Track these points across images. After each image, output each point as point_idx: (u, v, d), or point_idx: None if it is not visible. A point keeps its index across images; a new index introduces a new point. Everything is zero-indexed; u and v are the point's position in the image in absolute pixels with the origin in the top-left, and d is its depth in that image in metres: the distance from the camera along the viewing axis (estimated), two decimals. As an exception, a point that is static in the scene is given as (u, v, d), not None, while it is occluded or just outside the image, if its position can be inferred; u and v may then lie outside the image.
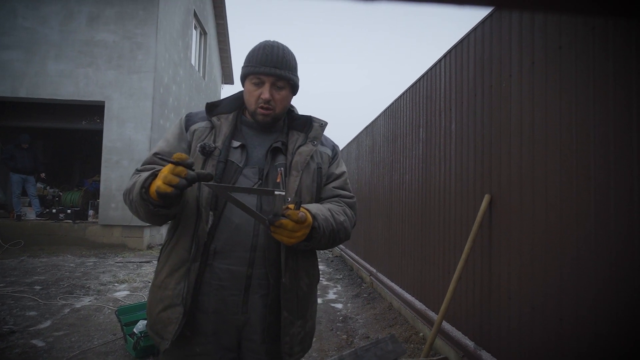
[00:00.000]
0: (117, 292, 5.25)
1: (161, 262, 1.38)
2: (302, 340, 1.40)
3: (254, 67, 1.36)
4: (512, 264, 2.49)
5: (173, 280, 1.31)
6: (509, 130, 2.56)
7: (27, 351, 3.31)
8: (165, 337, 1.30)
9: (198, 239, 1.29)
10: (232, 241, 1.31)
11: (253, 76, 1.36)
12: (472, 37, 3.13)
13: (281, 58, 1.37)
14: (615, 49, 1.79)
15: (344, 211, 1.44)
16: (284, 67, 1.37)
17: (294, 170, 1.37)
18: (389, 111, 5.57)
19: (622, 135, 1.74)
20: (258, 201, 1.33)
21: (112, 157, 8.87)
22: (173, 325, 1.28)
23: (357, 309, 4.94)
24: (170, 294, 1.31)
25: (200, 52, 13.27)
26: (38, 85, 8.83)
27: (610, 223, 1.78)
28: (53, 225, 8.93)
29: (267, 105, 1.36)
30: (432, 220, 3.83)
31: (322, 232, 1.27)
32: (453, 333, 3.17)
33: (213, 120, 1.40)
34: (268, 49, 1.37)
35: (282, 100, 1.39)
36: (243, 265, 1.31)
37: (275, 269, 1.34)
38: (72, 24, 8.96)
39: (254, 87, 1.37)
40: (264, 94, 1.35)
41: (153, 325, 1.35)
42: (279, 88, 1.38)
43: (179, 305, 1.29)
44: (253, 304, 1.34)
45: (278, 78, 1.36)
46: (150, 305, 1.37)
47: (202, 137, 1.38)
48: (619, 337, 1.72)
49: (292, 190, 1.35)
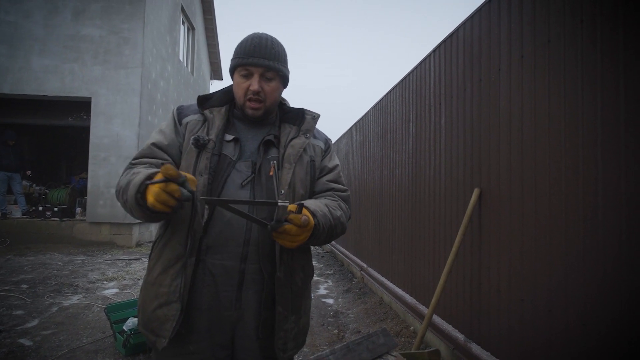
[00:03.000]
0: (106, 290, 5.19)
1: (153, 258, 1.34)
2: (295, 336, 1.39)
3: (242, 58, 1.33)
4: (501, 257, 2.51)
5: (168, 277, 1.28)
6: (499, 124, 2.57)
7: (14, 350, 3.26)
8: (162, 334, 1.27)
9: (194, 233, 1.27)
10: (224, 236, 1.29)
11: (241, 68, 1.33)
12: (461, 32, 3.14)
13: (270, 49, 1.34)
14: (603, 41, 1.80)
15: (340, 206, 1.43)
16: (273, 58, 1.34)
17: (287, 163, 1.35)
18: (379, 106, 5.57)
19: (610, 128, 1.76)
20: (251, 195, 1.31)
21: (99, 154, 8.76)
22: (170, 322, 1.26)
23: (348, 304, 4.95)
24: (165, 290, 1.28)
25: (188, 47, 13.14)
26: (22, 80, 8.67)
27: (598, 215, 1.80)
28: (40, 223, 8.81)
29: (257, 97, 1.33)
30: (422, 214, 3.85)
31: (322, 230, 1.26)
32: (443, 326, 3.19)
33: (205, 113, 1.37)
34: (256, 40, 1.34)
35: (272, 92, 1.36)
36: (236, 260, 1.29)
37: (269, 264, 1.32)
38: (56, 18, 8.81)
39: (242, 79, 1.34)
40: (253, 85, 1.32)
41: (147, 323, 1.32)
42: (269, 79, 1.35)
43: (176, 302, 1.26)
44: (246, 299, 1.32)
45: (267, 69, 1.33)
46: (144, 303, 1.34)
47: (195, 129, 1.35)
48: (606, 326, 1.74)
49: (285, 183, 1.33)
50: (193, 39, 13.40)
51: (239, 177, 1.32)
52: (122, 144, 8.77)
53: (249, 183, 1.32)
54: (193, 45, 13.43)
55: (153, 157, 1.33)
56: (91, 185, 8.76)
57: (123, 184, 1.24)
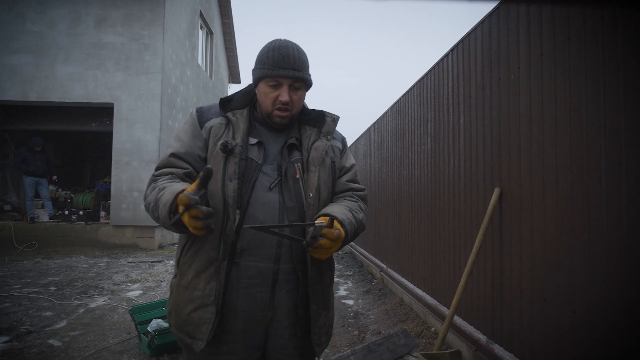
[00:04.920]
0: (130, 292, 5.31)
1: (186, 263, 1.36)
2: (327, 330, 1.46)
3: (270, 69, 1.33)
4: (523, 257, 2.48)
5: (202, 281, 1.31)
6: (519, 123, 2.55)
7: (45, 351, 3.37)
8: (198, 337, 1.30)
9: (226, 238, 1.30)
10: (258, 238, 1.32)
11: (270, 79, 1.34)
12: (479, 31, 3.11)
13: (297, 59, 1.35)
14: (624, 38, 1.77)
15: (360, 207, 1.47)
16: (301, 68, 1.36)
17: (312, 166, 1.38)
18: (396, 107, 5.55)
19: (632, 125, 1.73)
20: (280, 197, 1.34)
21: (122, 159, 8.95)
22: (206, 325, 1.29)
23: (368, 305, 4.95)
24: (200, 294, 1.31)
25: (207, 52, 13.32)
26: (48, 88, 8.93)
27: (621, 213, 1.76)
28: (66, 227, 9.04)
29: (285, 107, 1.35)
30: (442, 215, 3.82)
31: (349, 237, 1.32)
32: (465, 327, 3.16)
33: (229, 116, 1.38)
34: (283, 50, 1.34)
35: (299, 100, 1.39)
36: (269, 261, 1.33)
37: (301, 263, 1.36)
38: (79, 27, 9.05)
39: (270, 89, 1.35)
40: (283, 97, 1.34)
41: (183, 325, 1.34)
42: (296, 89, 1.37)
43: (211, 305, 1.30)
44: (280, 299, 1.36)
45: (296, 80, 1.35)
46: (177, 306, 1.36)
47: (219, 133, 1.36)
48: (631, 326, 1.71)
49: (312, 186, 1.36)
50: (211, 44, 13.57)
51: (266, 180, 1.34)
52: (144, 149, 8.95)
53: (277, 186, 1.35)
54: (211, 49, 13.61)
55: (173, 167, 1.37)
56: (114, 189, 8.95)
57: (151, 200, 1.29)
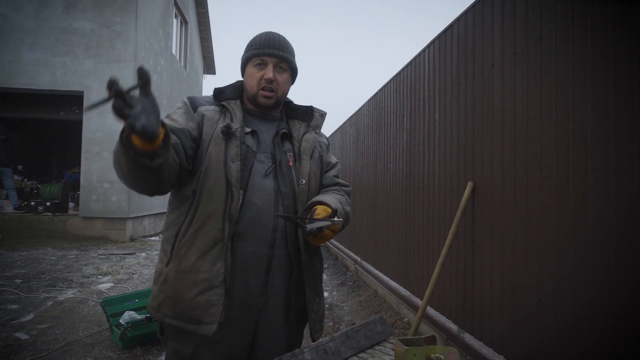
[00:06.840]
0: (100, 285, 5.20)
1: (184, 246, 1.31)
2: (320, 319, 1.48)
3: (256, 49, 1.40)
4: (494, 248, 2.56)
5: (207, 262, 1.28)
6: (492, 119, 2.62)
7: (11, 344, 3.27)
8: (207, 321, 1.26)
9: (231, 217, 1.28)
10: (254, 223, 1.32)
11: (256, 58, 1.40)
12: (455, 28, 3.17)
13: (283, 42, 1.42)
14: (594, 39, 1.85)
15: (347, 201, 1.51)
16: (285, 50, 1.42)
17: (304, 155, 1.43)
18: (373, 101, 5.60)
19: (600, 124, 1.81)
20: (275, 184, 1.37)
21: (92, 148, 8.71)
22: (216, 307, 1.26)
23: (342, 297, 5.01)
24: (205, 276, 1.27)
25: (181, 41, 13.05)
26: (13, 74, 8.58)
27: (588, 209, 1.85)
28: (32, 218, 8.76)
29: (270, 85, 1.39)
30: (416, 208, 3.90)
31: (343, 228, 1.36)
32: (437, 317, 3.25)
33: (225, 104, 1.41)
34: (270, 35, 1.43)
35: (284, 82, 1.43)
36: (265, 247, 1.33)
37: (294, 249, 1.38)
38: (47, 11, 8.71)
39: (256, 69, 1.40)
40: (267, 74, 1.38)
41: (185, 311, 1.28)
42: (282, 69, 1.42)
43: (219, 287, 1.27)
44: (272, 285, 1.36)
45: (281, 59, 1.40)
46: (177, 293, 1.30)
47: (215, 119, 1.37)
48: (596, 313, 1.80)
49: (304, 173, 1.41)
50: (186, 33, 13.30)
51: (261, 167, 1.37)
52: (116, 138, 8.19)
53: (271, 173, 1.38)
54: (186, 39, 13.33)
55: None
56: (84, 179, 8.71)
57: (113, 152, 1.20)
